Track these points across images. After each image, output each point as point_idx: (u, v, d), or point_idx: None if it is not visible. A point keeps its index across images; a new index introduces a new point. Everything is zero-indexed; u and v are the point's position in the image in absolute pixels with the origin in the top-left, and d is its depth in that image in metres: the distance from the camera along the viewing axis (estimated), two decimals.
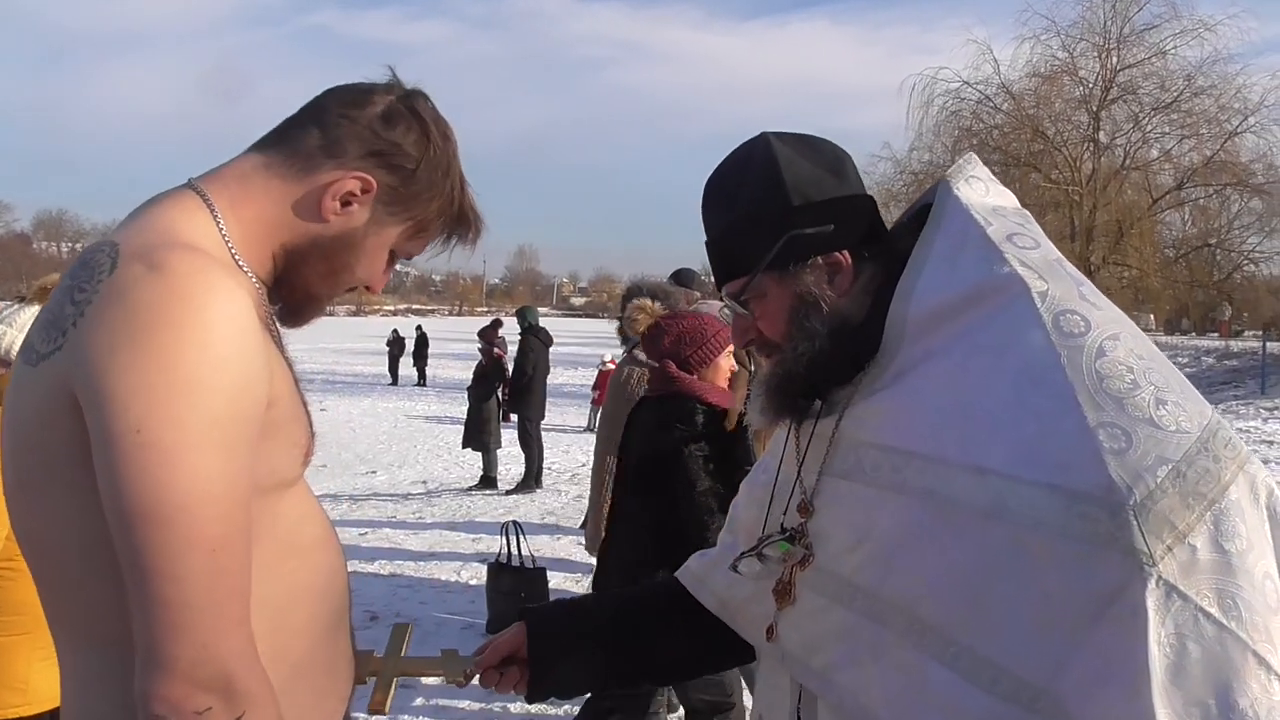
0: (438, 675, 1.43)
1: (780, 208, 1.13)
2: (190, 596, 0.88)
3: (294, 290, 1.15)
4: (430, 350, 24.28)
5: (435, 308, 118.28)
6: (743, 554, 1.20)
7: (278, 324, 1.20)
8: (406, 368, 23.96)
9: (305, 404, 1.15)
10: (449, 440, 12.19)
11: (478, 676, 1.36)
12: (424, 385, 22.78)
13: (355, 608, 4.52)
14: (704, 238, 1.23)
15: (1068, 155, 19.47)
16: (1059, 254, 1.08)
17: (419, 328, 25.23)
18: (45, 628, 3.08)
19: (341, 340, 42.07)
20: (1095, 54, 19.33)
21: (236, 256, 1.08)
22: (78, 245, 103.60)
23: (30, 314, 2.65)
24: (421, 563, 6.53)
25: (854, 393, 1.11)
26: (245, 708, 0.91)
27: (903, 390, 1.05)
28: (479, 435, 9.96)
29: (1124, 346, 0.95)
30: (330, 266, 1.13)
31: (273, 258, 1.12)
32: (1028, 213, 1.16)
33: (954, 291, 1.05)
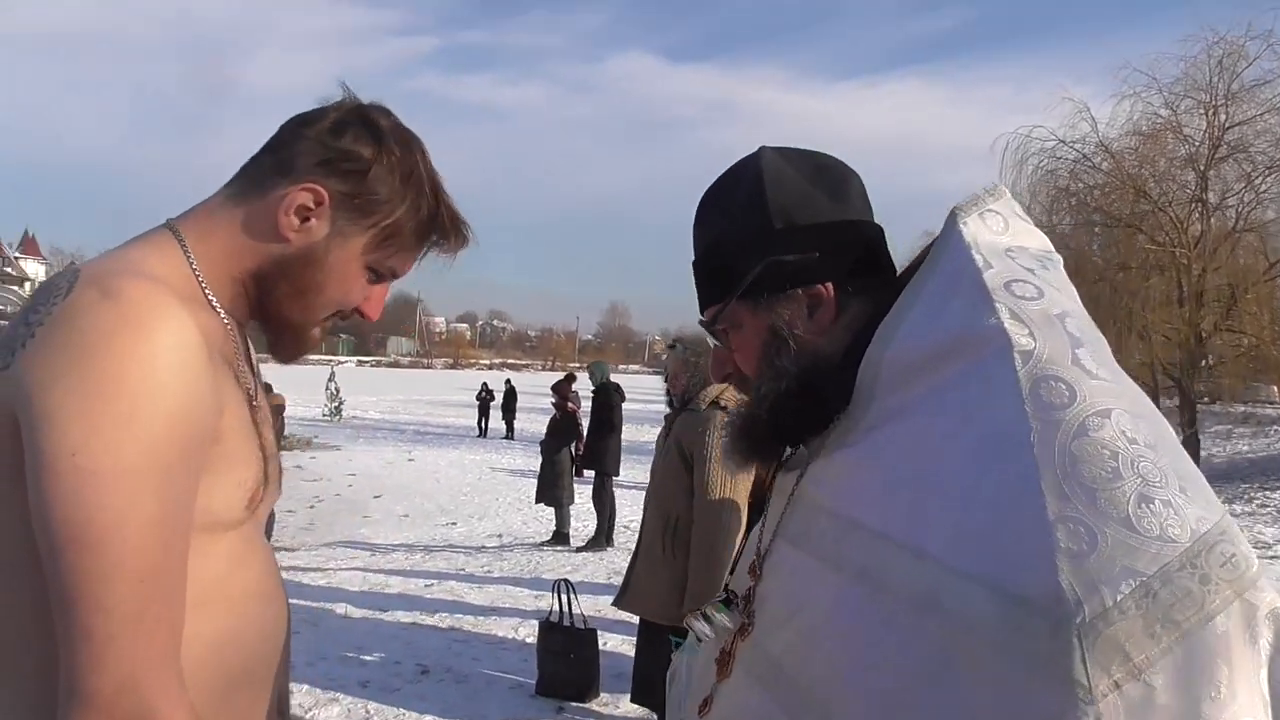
0: None
1: (760, 230, 1.03)
2: (115, 627, 0.86)
3: (269, 319, 1.13)
4: (519, 404, 24.60)
5: (529, 362, 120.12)
6: (690, 613, 1.11)
7: (252, 362, 1.20)
8: (496, 420, 24.31)
9: (265, 448, 1.12)
10: (530, 494, 12.26)
11: None
12: (511, 438, 23.04)
13: (408, 660, 4.52)
14: None
15: (1173, 216, 18.62)
16: (1070, 308, 0.92)
17: (508, 381, 25.61)
18: None
19: (437, 392, 43.11)
20: (1201, 111, 18.53)
21: (207, 291, 1.07)
22: None
23: None
24: (481, 617, 6.49)
25: (821, 446, 1.01)
26: None
27: (864, 450, 0.94)
28: (551, 490, 9.96)
29: (1113, 426, 0.79)
30: (296, 287, 1.10)
31: (244, 287, 1.10)
32: (1056, 257, 1.02)
33: (933, 341, 0.92)
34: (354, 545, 9.38)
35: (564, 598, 4.90)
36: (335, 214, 1.08)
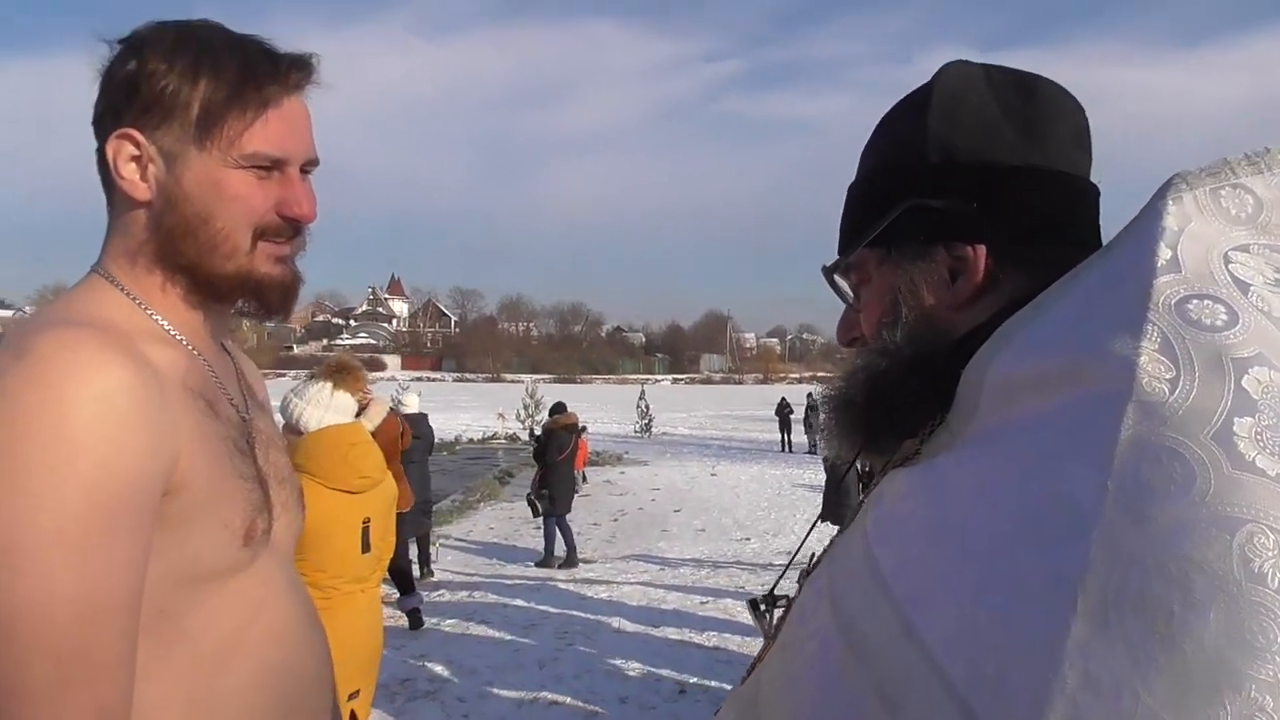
0: None
1: (911, 164, 0.82)
2: (33, 712, 0.81)
3: (212, 288, 1.02)
4: None
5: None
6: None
7: (243, 382, 1.13)
8: (801, 435, 24.13)
9: (266, 474, 1.05)
10: None
11: None
12: (815, 453, 22.73)
13: (669, 677, 4.54)
14: None
15: None
16: (1275, 356, 0.60)
17: (809, 394, 25.34)
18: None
19: (744, 407, 43.72)
20: None
21: (161, 322, 1.01)
22: (532, 324, 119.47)
23: (316, 389, 3.03)
24: (748, 637, 6.36)
25: (916, 452, 0.81)
26: None
27: (926, 474, 0.74)
28: (836, 508, 9.60)
29: (1232, 546, 0.52)
30: (190, 235, 0.99)
31: (172, 279, 1.02)
32: None
33: (1052, 356, 0.67)
34: (648, 559, 9.63)
35: None
36: (156, 141, 0.97)
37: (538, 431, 11.53)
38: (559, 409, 10.53)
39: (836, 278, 0.90)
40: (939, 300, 0.81)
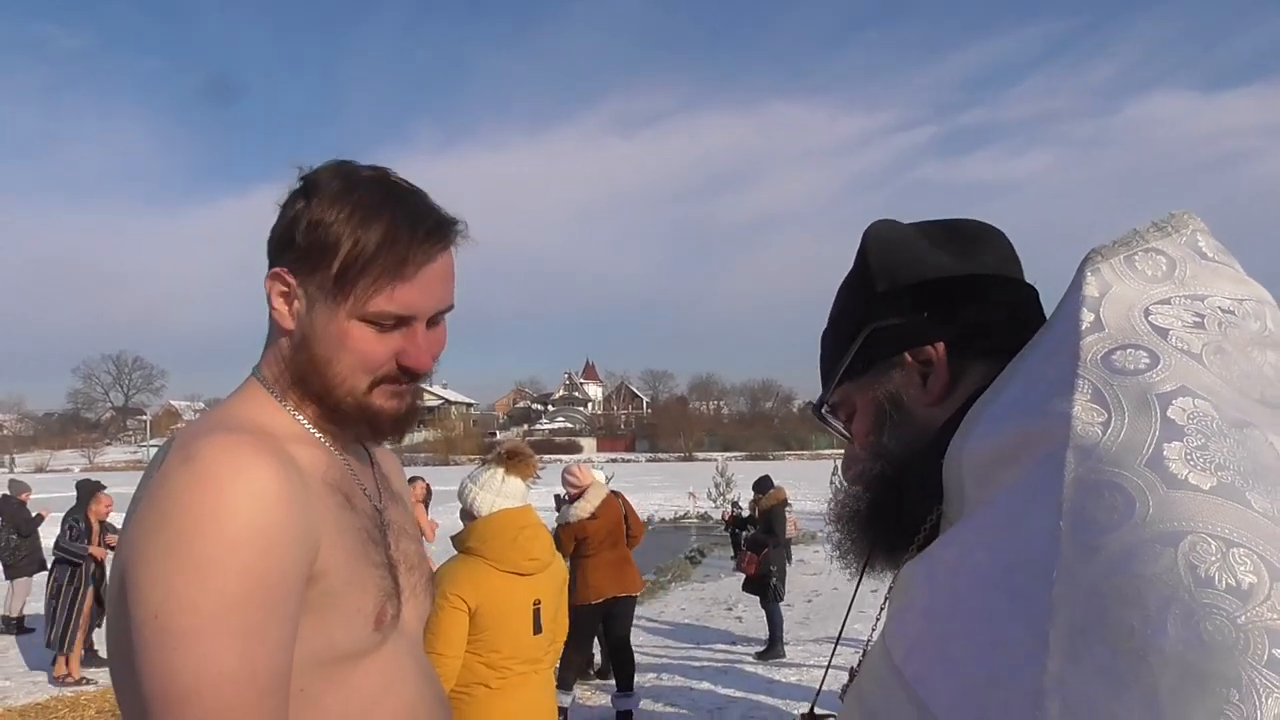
0: None
1: (863, 300, 0.91)
2: None
3: (330, 410, 1.11)
4: None
5: None
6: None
7: (376, 474, 1.21)
8: None
9: (397, 561, 1.14)
10: None
11: None
12: None
13: None
14: None
15: None
16: (1205, 384, 0.66)
17: None
18: None
19: None
20: None
21: (306, 424, 1.11)
22: (723, 402, 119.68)
23: (490, 474, 3.18)
24: None
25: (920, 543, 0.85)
26: None
27: (922, 563, 0.77)
28: None
29: (1179, 558, 0.55)
30: (316, 369, 1.08)
31: (307, 397, 1.11)
32: (1255, 309, 0.74)
33: (1005, 433, 0.72)
34: (846, 641, 9.26)
35: None
36: (304, 283, 1.07)
37: (727, 511, 11.05)
38: (766, 484, 9.87)
39: (828, 416, 0.98)
40: (918, 401, 0.87)
